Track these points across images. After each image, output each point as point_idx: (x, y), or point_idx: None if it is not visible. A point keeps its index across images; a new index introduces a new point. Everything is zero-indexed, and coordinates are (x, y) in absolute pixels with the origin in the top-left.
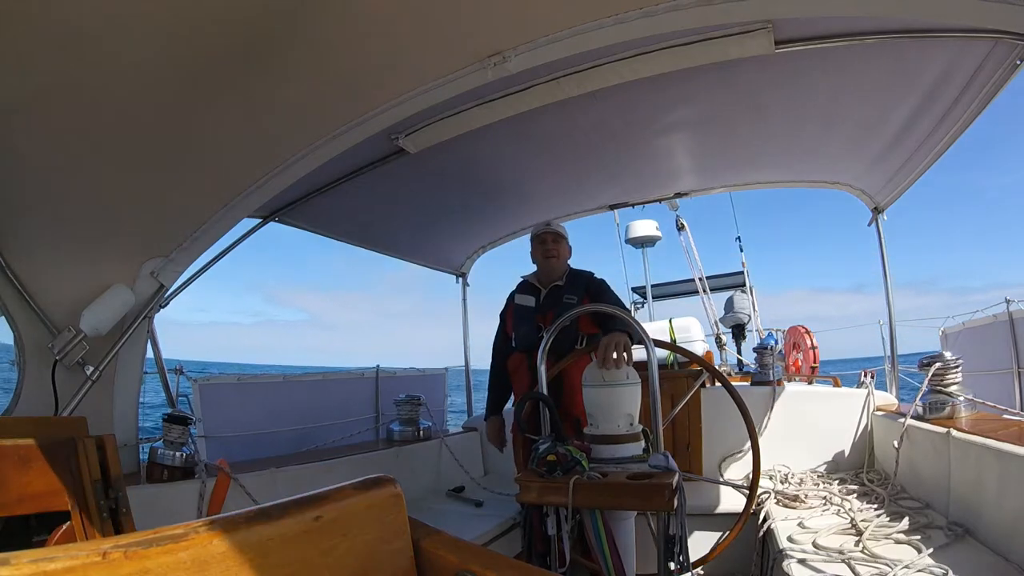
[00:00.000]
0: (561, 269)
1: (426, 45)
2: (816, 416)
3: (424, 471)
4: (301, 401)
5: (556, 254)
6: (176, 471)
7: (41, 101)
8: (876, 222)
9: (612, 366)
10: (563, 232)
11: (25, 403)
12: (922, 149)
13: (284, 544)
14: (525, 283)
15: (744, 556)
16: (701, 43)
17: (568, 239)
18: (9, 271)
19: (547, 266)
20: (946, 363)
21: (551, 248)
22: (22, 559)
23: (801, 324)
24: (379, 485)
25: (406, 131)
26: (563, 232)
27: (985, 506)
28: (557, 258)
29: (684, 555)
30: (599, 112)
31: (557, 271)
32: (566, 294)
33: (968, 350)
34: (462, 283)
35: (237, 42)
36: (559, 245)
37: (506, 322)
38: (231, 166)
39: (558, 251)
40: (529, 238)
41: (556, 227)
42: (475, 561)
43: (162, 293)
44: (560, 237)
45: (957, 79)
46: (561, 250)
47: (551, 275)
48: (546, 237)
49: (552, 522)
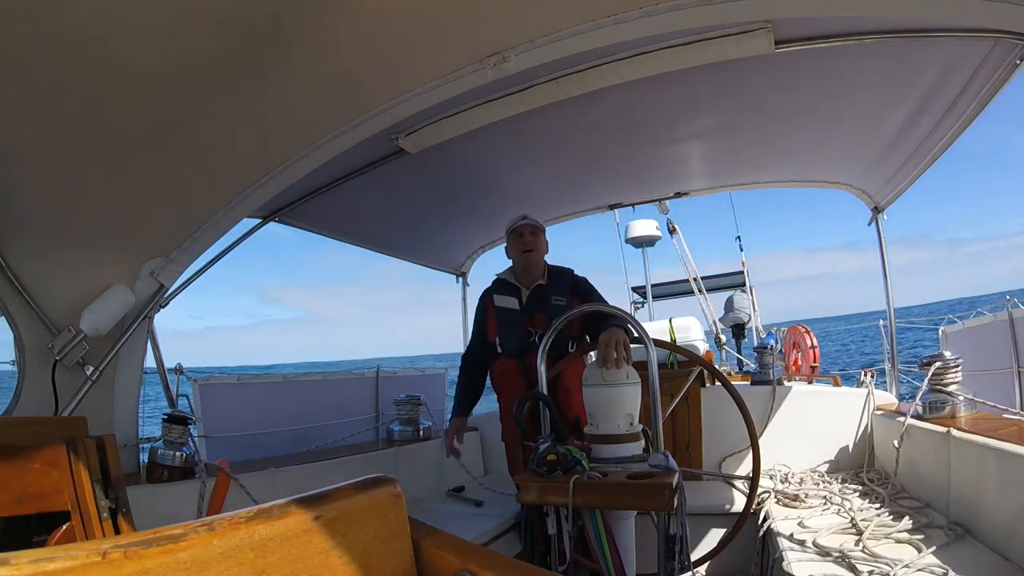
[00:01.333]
0: (540, 265)
1: (426, 45)
2: (816, 416)
3: (424, 471)
4: (301, 401)
5: (534, 247)
6: (176, 471)
7: (41, 101)
8: (876, 221)
9: (613, 365)
10: (540, 225)
11: (25, 403)
12: (922, 149)
13: (284, 544)
14: (502, 282)
15: (744, 556)
16: (701, 43)
17: (545, 233)
18: (9, 271)
19: (525, 261)
20: (946, 363)
21: (529, 241)
22: (22, 559)
23: (801, 324)
24: (379, 485)
25: (406, 131)
26: (540, 225)
27: (985, 506)
28: (535, 252)
29: (684, 555)
30: (599, 112)
31: (536, 267)
32: (553, 295)
33: (968, 350)
34: (462, 283)
35: (237, 42)
36: (537, 238)
37: (486, 326)
38: (231, 166)
39: (536, 244)
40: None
41: (533, 220)
42: (475, 561)
43: (162, 293)
44: (538, 229)
45: (957, 79)
46: (539, 244)
47: (530, 271)
48: (523, 230)
49: (552, 522)
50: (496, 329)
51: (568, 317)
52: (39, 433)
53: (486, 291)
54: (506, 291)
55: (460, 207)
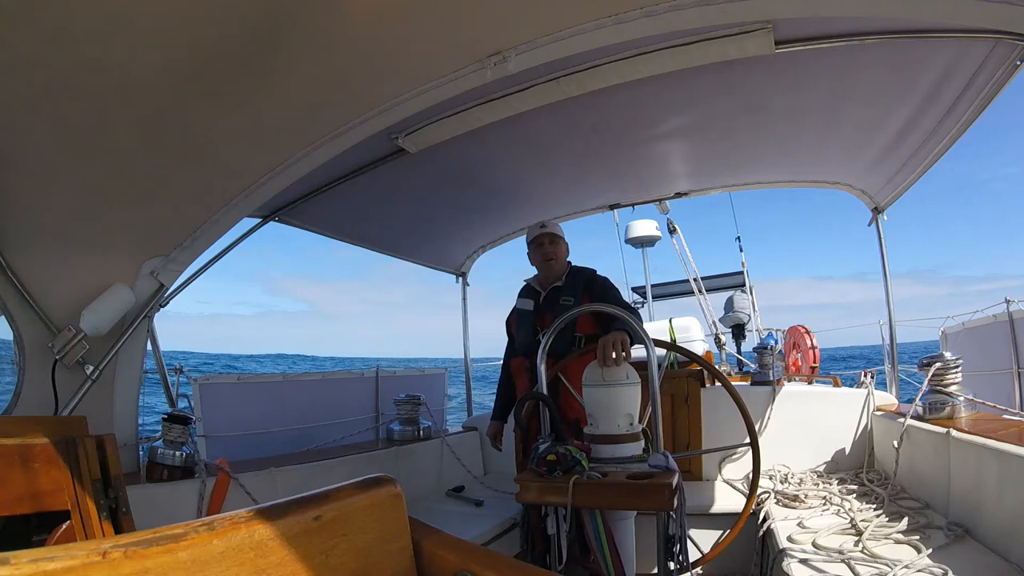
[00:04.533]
0: (561, 269)
1: (426, 45)
2: (816, 416)
3: (424, 471)
4: (301, 401)
5: (555, 255)
6: (176, 471)
7: (41, 101)
8: (876, 222)
9: (611, 364)
10: (559, 232)
11: (25, 403)
12: (922, 149)
13: (284, 544)
14: (527, 287)
15: (744, 556)
16: (701, 43)
17: (564, 236)
18: (9, 271)
19: (547, 268)
20: (946, 363)
21: (549, 251)
22: (22, 559)
23: (801, 324)
24: (379, 485)
25: (406, 131)
26: (559, 232)
27: (985, 506)
28: (556, 259)
29: (684, 555)
30: (599, 112)
31: (557, 272)
32: (563, 296)
33: (968, 350)
34: (462, 283)
35: (237, 42)
36: (556, 246)
37: (510, 328)
38: (231, 166)
39: (556, 252)
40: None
41: (552, 227)
42: (475, 561)
43: (162, 292)
44: (557, 237)
45: (957, 79)
46: (559, 251)
47: (551, 276)
48: (543, 239)
49: (552, 522)
50: (515, 330)
51: (568, 317)
52: (39, 433)
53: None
54: (527, 294)
55: (460, 207)
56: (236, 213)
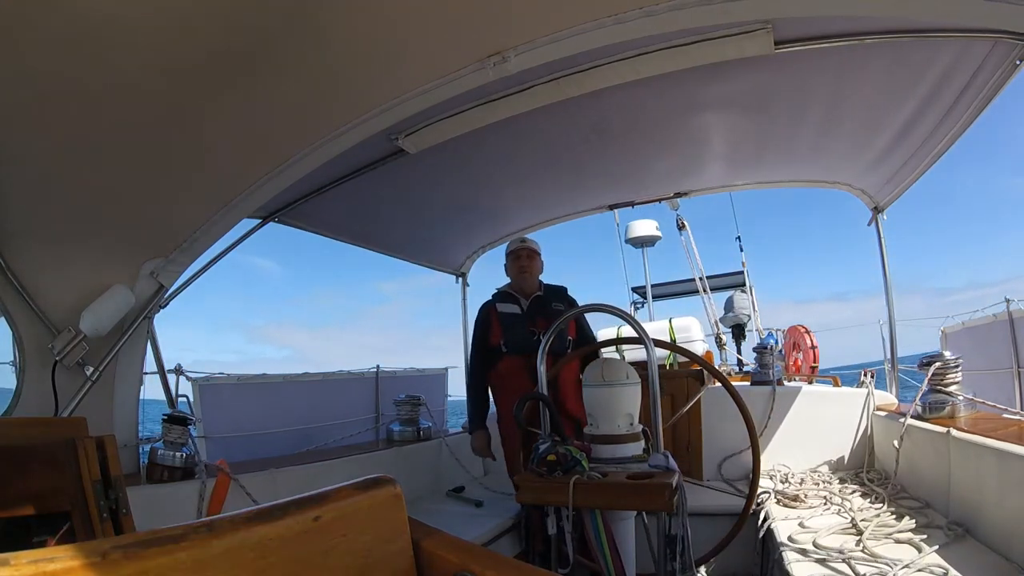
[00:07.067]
0: (535, 282)
1: (426, 45)
2: (816, 416)
3: (424, 471)
4: (301, 401)
5: (529, 270)
6: (176, 471)
7: (41, 101)
8: (876, 222)
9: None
10: (537, 249)
11: (25, 403)
12: (922, 149)
13: (284, 544)
14: (503, 293)
15: (744, 556)
16: (701, 43)
17: (541, 255)
18: (9, 271)
19: (521, 279)
20: (946, 363)
21: (525, 264)
22: (22, 559)
23: (801, 324)
24: (379, 485)
25: (406, 131)
26: (537, 249)
27: (985, 506)
28: (530, 273)
29: (685, 555)
30: (599, 112)
31: (531, 284)
32: (553, 302)
33: (968, 350)
34: (462, 283)
35: (237, 42)
36: (532, 261)
37: (489, 332)
38: (231, 166)
39: (531, 267)
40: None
41: (531, 244)
42: (475, 561)
43: (162, 293)
44: (534, 253)
45: (957, 79)
46: (534, 266)
47: (526, 287)
48: (521, 253)
49: (552, 522)
50: (500, 332)
51: (568, 317)
52: (39, 433)
53: (486, 303)
54: (507, 300)
55: (460, 207)
56: (236, 214)
